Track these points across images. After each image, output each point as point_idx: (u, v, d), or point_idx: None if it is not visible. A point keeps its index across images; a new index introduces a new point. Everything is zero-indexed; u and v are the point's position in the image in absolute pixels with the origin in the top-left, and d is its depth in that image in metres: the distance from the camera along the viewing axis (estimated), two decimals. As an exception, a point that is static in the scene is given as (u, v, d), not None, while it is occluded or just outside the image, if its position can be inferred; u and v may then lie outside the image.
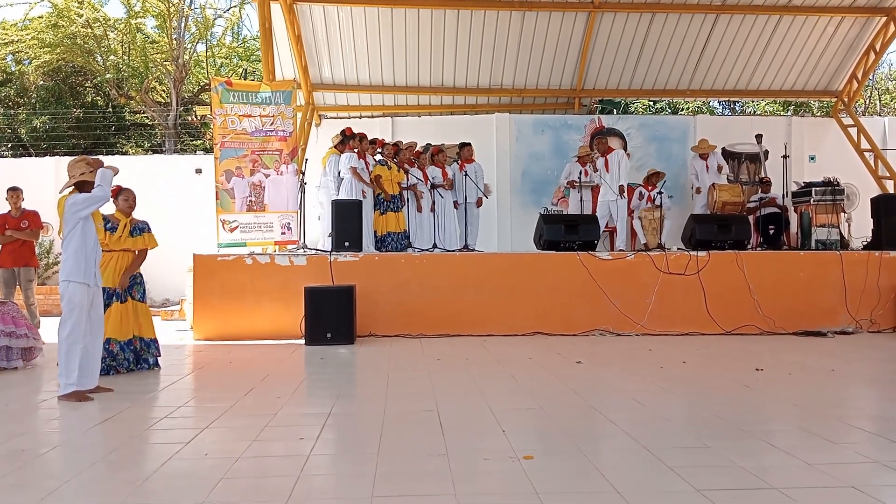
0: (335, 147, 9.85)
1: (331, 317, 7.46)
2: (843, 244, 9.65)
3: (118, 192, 5.98)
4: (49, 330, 8.42)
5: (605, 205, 10.31)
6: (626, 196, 10.36)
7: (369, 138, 9.83)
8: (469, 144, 10.48)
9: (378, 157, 9.62)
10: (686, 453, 3.50)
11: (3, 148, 18.84)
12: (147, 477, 3.19)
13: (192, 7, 20.35)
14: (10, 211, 8.01)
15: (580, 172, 10.35)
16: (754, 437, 3.79)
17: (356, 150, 9.35)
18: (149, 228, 6.06)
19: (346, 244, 8.37)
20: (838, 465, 3.29)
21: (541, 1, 11.99)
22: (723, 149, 12.24)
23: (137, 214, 6.13)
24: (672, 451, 3.49)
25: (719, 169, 11.18)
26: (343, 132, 9.78)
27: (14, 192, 8.05)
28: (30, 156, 16.80)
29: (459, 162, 10.26)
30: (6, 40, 18.80)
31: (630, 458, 3.43)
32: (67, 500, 2.94)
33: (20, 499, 2.93)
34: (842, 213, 9.98)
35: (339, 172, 9.57)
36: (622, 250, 9.59)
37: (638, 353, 6.97)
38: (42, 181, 12.78)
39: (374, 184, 9.30)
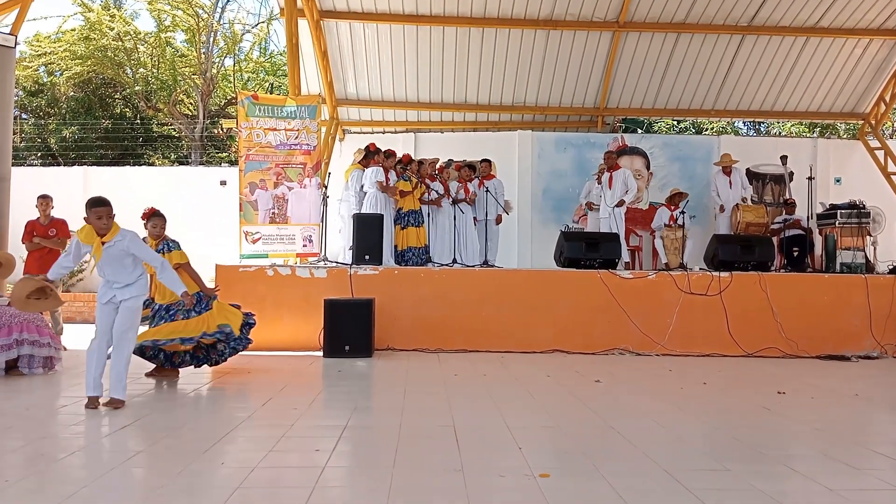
0: (359, 162, 9.93)
1: (349, 330, 7.47)
2: (869, 268, 9.51)
3: (149, 216, 6.05)
4: (71, 337, 8.55)
5: (605, 222, 10.11)
6: (623, 213, 10.17)
7: (395, 155, 9.86)
8: (489, 160, 10.47)
9: (404, 173, 9.66)
10: (705, 476, 3.45)
11: (33, 157, 19.19)
12: (163, 485, 3.21)
13: (221, 22, 20.68)
14: (38, 218, 8.13)
15: (595, 190, 10.32)
16: (775, 461, 3.74)
17: (381, 165, 9.41)
18: (178, 246, 6.05)
19: (367, 258, 8.40)
20: (860, 492, 3.23)
21: (566, 20, 12.03)
22: (747, 169, 12.16)
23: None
24: (691, 474, 3.45)
25: (744, 200, 11.03)
26: (367, 148, 9.84)
27: (44, 200, 8.17)
28: (58, 165, 17.08)
29: (479, 178, 10.27)
30: (39, 52, 19.19)
31: (648, 480, 3.39)
32: (84, 505, 2.96)
33: (38, 503, 2.96)
34: (867, 237, 9.84)
35: (362, 186, 9.63)
36: (627, 264, 9.41)
37: (658, 373, 6.90)
38: (70, 190, 12.98)
39: (391, 191, 9.34)
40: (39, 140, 19.53)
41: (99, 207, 4.89)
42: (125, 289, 5.00)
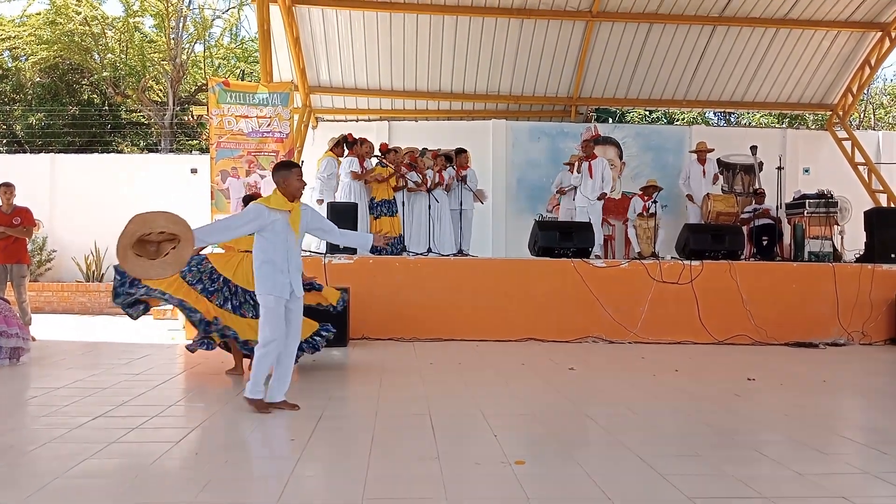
0: (331, 150, 9.81)
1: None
2: (836, 256, 9.68)
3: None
4: (40, 328, 8.41)
5: (582, 211, 10.15)
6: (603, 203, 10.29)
7: (368, 142, 9.78)
8: (465, 151, 10.47)
9: (374, 160, 9.61)
10: (677, 461, 3.50)
11: (-2, 144, 18.77)
12: (136, 475, 3.17)
13: (191, 7, 20.34)
14: (1, 207, 7.94)
15: (571, 179, 10.36)
16: (745, 447, 3.80)
17: (356, 155, 9.36)
18: None
19: (341, 247, 8.36)
20: (828, 476, 3.30)
21: (539, 9, 12.03)
22: (718, 159, 12.28)
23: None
24: (663, 459, 3.50)
25: (715, 179, 11.21)
26: (345, 138, 9.77)
27: (6, 188, 7.97)
28: (24, 152, 16.73)
29: (455, 168, 10.26)
30: (3, 36, 18.72)
31: (621, 465, 3.43)
32: (54, 498, 2.92)
33: (6, 496, 2.91)
34: (835, 226, 10.01)
35: (330, 175, 9.57)
36: (598, 255, 9.49)
37: (630, 360, 6.97)
38: (36, 178, 12.76)
39: (369, 177, 9.28)
40: (5, 127, 19.10)
41: (297, 168, 4.28)
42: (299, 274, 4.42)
